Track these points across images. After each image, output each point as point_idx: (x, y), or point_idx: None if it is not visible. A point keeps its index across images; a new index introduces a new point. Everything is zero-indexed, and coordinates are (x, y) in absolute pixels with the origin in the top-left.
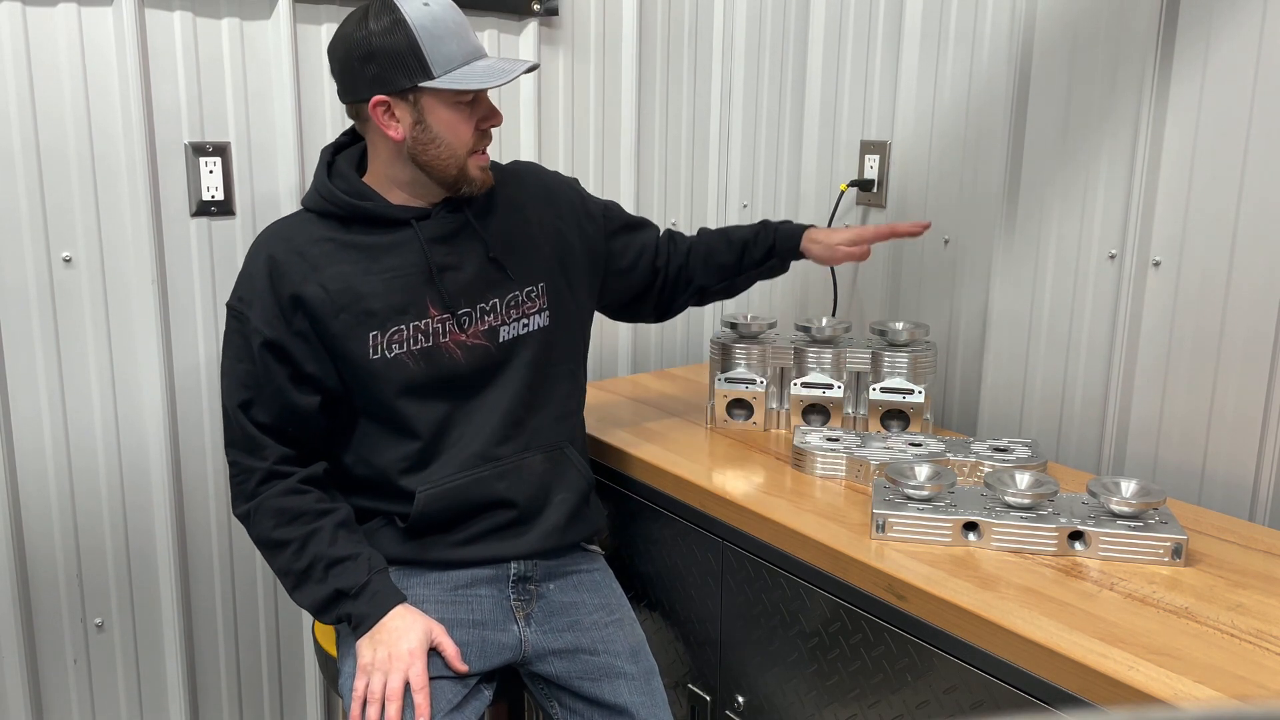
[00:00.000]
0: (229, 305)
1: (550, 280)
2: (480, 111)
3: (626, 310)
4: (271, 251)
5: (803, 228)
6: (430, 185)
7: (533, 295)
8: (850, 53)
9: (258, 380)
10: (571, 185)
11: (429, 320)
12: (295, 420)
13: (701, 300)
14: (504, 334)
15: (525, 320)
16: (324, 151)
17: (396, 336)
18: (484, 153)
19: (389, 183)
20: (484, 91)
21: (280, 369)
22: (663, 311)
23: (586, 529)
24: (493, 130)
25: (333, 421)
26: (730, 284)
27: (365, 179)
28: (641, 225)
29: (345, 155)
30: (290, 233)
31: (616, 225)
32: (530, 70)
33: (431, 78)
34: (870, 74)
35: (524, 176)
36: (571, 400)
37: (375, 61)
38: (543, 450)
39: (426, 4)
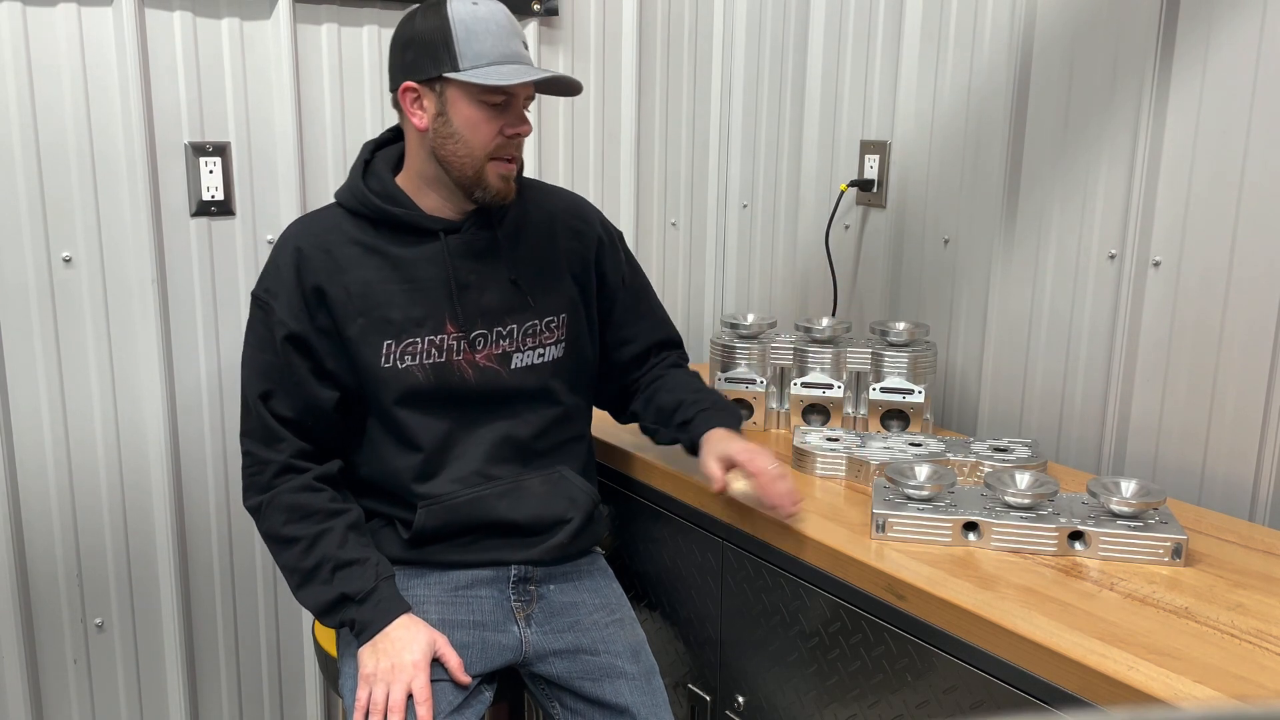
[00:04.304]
0: (254, 295)
1: (572, 312)
2: (509, 118)
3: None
4: (299, 244)
5: (722, 427)
6: (456, 187)
7: (552, 326)
8: (850, 53)
9: (280, 372)
10: (619, 235)
11: (444, 336)
12: (314, 414)
13: (639, 423)
14: (516, 361)
15: (541, 350)
16: (364, 147)
17: (410, 348)
18: (509, 162)
19: (420, 181)
20: (516, 98)
21: (303, 362)
22: (617, 409)
23: (591, 541)
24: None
25: (348, 420)
26: (650, 431)
27: (399, 178)
28: (659, 322)
29: (384, 154)
30: (320, 228)
31: (638, 298)
32: (560, 86)
33: (457, 70)
34: (870, 74)
35: (569, 206)
36: (576, 426)
37: (411, 49)
38: (541, 473)
39: (475, 3)
